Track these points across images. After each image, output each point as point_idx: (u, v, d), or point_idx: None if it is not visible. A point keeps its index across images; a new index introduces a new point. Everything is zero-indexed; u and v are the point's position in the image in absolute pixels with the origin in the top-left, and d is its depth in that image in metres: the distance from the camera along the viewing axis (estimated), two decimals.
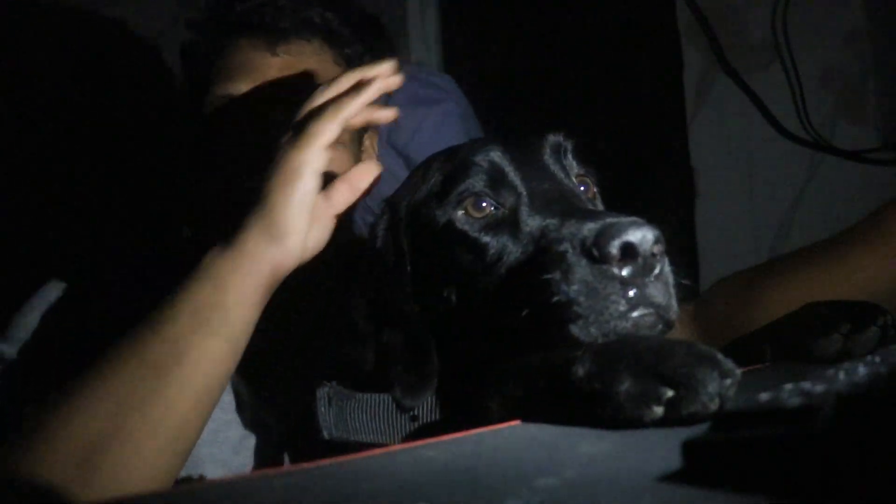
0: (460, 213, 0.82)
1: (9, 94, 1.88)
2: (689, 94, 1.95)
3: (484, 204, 0.81)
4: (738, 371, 0.53)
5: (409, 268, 0.86)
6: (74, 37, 2.00)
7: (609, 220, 0.68)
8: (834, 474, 0.33)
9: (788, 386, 0.51)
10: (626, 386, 0.53)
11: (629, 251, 0.66)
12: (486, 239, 0.79)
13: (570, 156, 0.88)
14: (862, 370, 0.50)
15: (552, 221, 0.74)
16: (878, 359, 0.55)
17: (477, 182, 0.82)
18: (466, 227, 0.81)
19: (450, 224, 0.82)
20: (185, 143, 1.20)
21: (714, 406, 0.51)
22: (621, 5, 2.09)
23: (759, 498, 0.35)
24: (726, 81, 1.90)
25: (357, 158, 1.18)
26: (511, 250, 0.77)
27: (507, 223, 0.79)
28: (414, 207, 0.87)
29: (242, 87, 1.06)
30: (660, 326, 0.68)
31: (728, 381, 0.52)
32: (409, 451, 0.51)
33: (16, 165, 1.90)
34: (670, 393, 0.52)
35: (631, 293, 0.66)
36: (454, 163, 0.85)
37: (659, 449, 0.46)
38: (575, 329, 0.67)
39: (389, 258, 0.87)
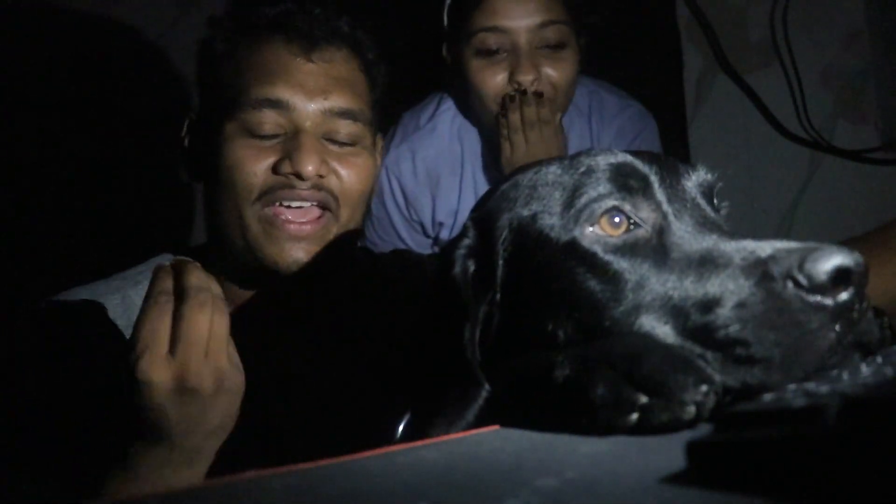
0: (589, 229, 0.67)
1: (9, 94, 1.88)
2: (689, 94, 1.95)
3: (618, 220, 0.67)
4: (719, 379, 0.51)
5: (498, 296, 0.72)
6: (74, 37, 1.99)
7: (808, 243, 0.58)
8: (839, 475, 0.33)
9: (792, 386, 0.51)
10: (600, 392, 0.52)
11: (842, 278, 0.55)
12: (622, 263, 0.65)
13: (717, 196, 0.75)
14: (866, 370, 0.50)
15: (717, 246, 0.62)
16: (880, 359, 0.55)
17: (611, 193, 0.68)
18: (597, 248, 0.66)
19: (574, 243, 0.67)
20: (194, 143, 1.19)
21: (689, 415, 0.49)
22: (621, 5, 2.09)
23: (763, 499, 0.34)
24: (726, 81, 1.90)
25: (375, 161, 1.18)
26: (658, 278, 0.63)
27: (650, 246, 0.66)
28: (520, 223, 0.72)
29: (281, 91, 1.07)
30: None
31: (704, 389, 0.50)
32: (409, 451, 0.51)
33: (15, 165, 1.89)
34: (644, 399, 0.50)
35: (837, 328, 0.56)
36: (578, 171, 0.70)
37: (661, 449, 0.46)
38: (764, 372, 0.56)
39: (467, 290, 0.72)
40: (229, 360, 0.83)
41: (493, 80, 1.54)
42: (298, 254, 1.06)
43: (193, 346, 0.80)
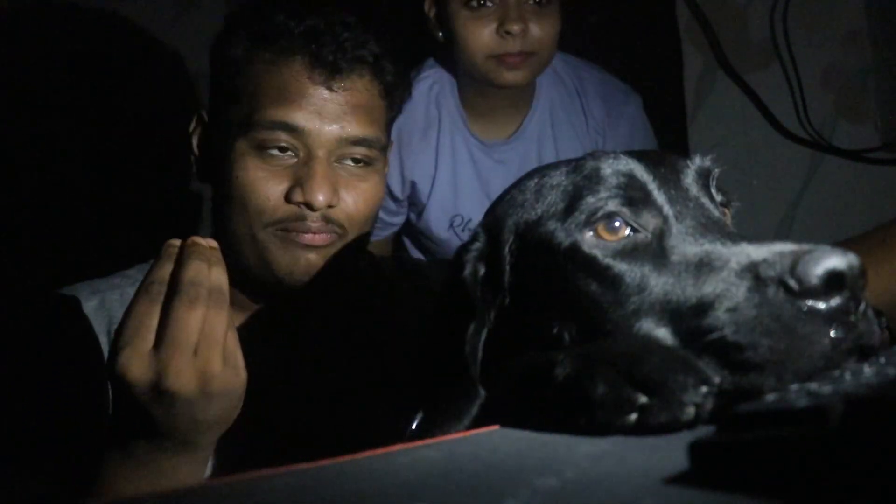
0: (589, 234, 0.68)
1: (9, 94, 1.88)
2: (689, 93, 1.95)
3: (618, 224, 0.68)
4: (718, 380, 0.51)
5: (507, 300, 0.73)
6: (74, 36, 1.99)
7: (803, 245, 0.57)
8: (842, 475, 0.33)
9: (795, 387, 0.51)
10: (600, 391, 0.52)
11: (835, 282, 0.55)
12: (621, 266, 0.66)
13: (715, 183, 0.75)
14: (868, 371, 0.50)
15: (715, 249, 0.62)
16: (883, 359, 0.55)
17: (611, 198, 0.68)
18: (597, 252, 0.67)
19: (574, 247, 0.68)
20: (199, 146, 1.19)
21: (688, 415, 0.49)
22: (621, 5, 2.09)
23: (766, 500, 0.34)
24: (726, 81, 1.89)
25: (384, 180, 1.17)
26: (656, 282, 0.64)
27: (650, 249, 0.66)
28: (525, 228, 0.73)
29: (297, 117, 1.06)
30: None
31: (704, 390, 0.50)
32: (409, 451, 0.51)
33: (15, 165, 1.89)
34: (644, 399, 0.50)
35: (833, 332, 0.55)
36: (580, 175, 0.71)
37: (661, 449, 0.46)
38: (758, 377, 0.55)
39: (475, 292, 0.74)
40: (225, 360, 0.80)
41: (482, 31, 1.59)
42: (311, 256, 1.07)
43: (177, 348, 0.76)
